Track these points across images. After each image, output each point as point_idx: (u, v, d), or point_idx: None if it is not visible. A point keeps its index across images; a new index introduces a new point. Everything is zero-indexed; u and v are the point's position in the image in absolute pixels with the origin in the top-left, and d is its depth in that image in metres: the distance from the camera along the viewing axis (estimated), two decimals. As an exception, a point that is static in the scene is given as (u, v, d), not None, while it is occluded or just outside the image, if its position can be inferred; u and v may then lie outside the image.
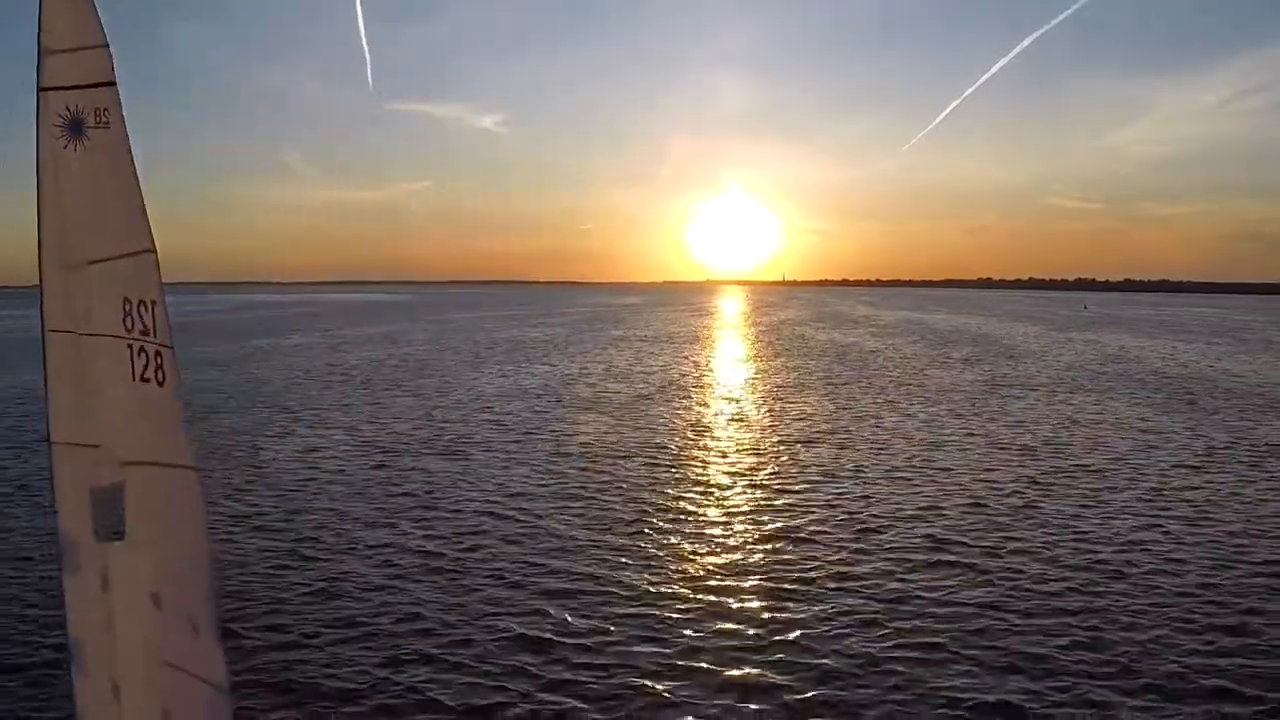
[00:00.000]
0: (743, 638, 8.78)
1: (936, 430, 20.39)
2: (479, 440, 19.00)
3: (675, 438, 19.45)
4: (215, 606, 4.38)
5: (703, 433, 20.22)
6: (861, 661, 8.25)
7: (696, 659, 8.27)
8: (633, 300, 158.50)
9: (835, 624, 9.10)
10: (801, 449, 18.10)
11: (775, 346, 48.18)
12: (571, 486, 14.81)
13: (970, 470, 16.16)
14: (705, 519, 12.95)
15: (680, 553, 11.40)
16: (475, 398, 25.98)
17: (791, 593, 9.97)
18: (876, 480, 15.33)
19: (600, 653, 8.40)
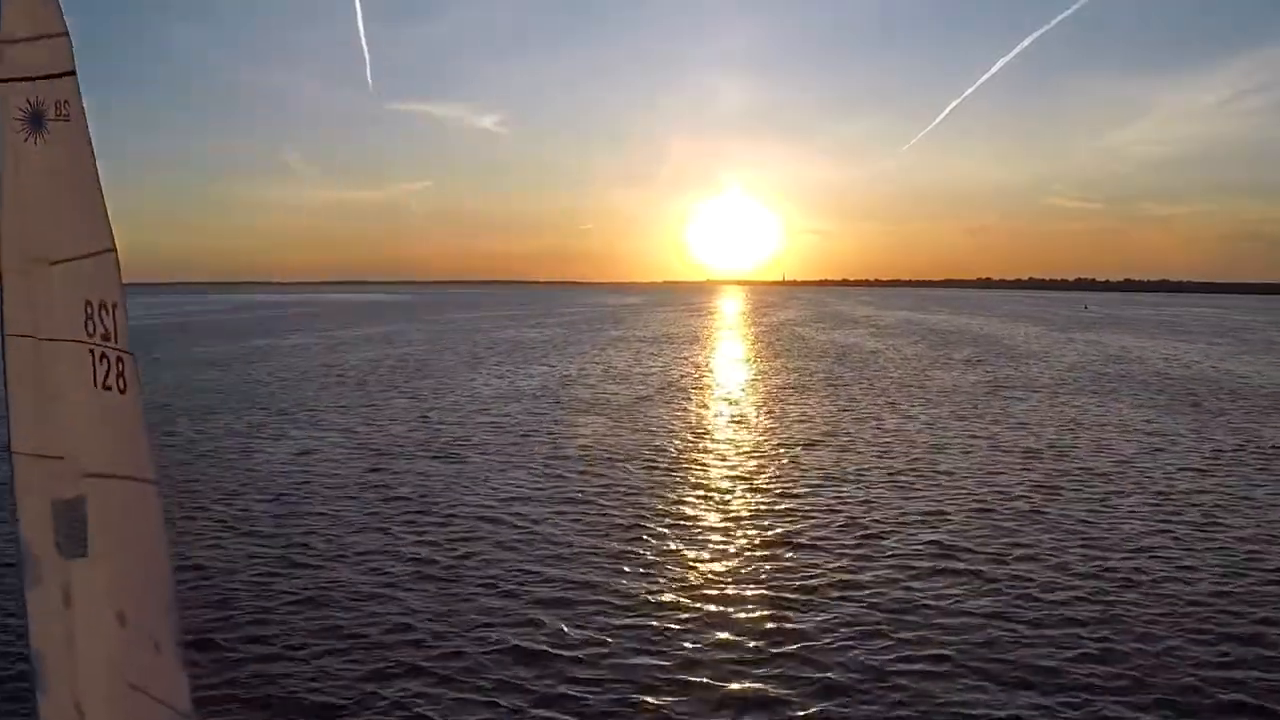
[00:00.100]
0: (743, 649, 8.52)
1: (939, 433, 20.13)
2: (475, 443, 18.74)
3: (674, 440, 19.19)
4: (178, 627, 4.18)
5: (702, 435, 19.95)
6: (866, 674, 7.99)
7: (696, 672, 8.01)
8: (633, 300, 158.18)
9: (838, 634, 8.84)
10: (802, 452, 17.84)
11: (775, 347, 47.92)
12: (568, 491, 14.55)
13: (974, 474, 15.90)
14: (705, 524, 12.69)
15: (679, 559, 11.13)
16: (472, 399, 25.72)
17: (793, 601, 9.71)
18: (878, 484, 15.07)
19: (596, 665, 8.14)
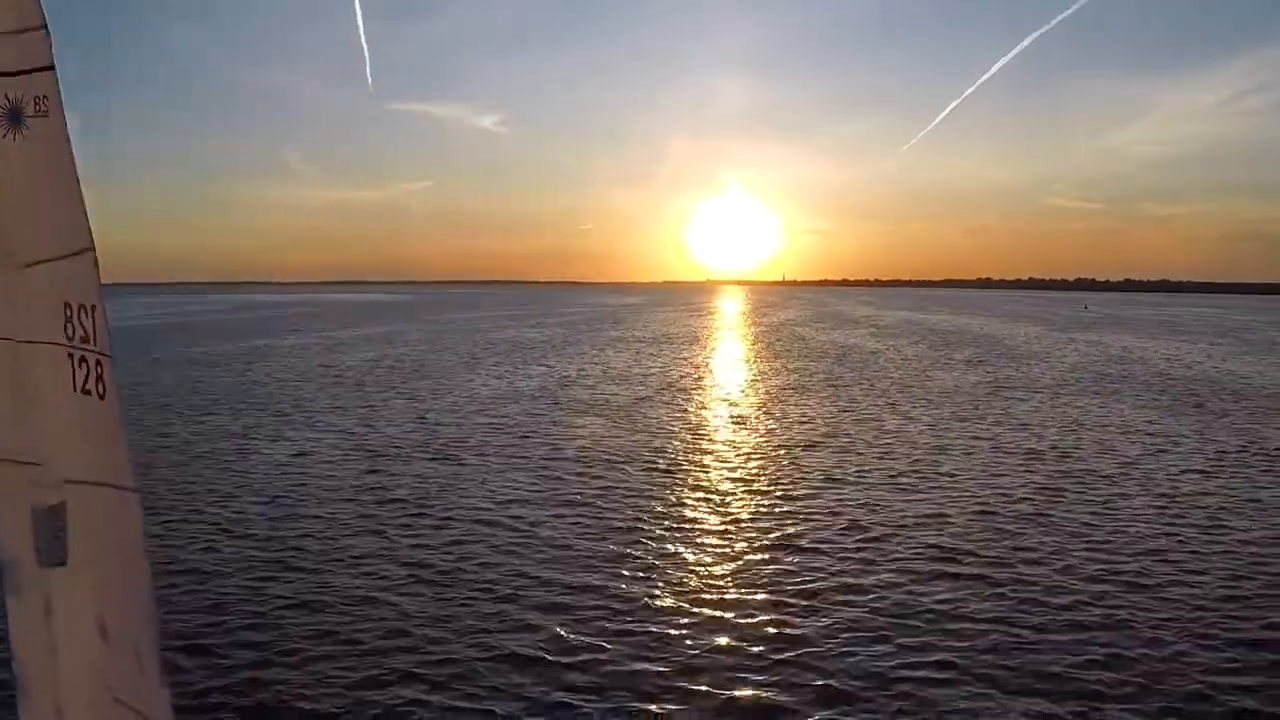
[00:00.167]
0: (744, 655, 8.38)
1: (940, 434, 19.99)
2: (473, 444, 18.60)
3: (674, 442, 19.06)
4: (158, 640, 4.06)
5: (702, 437, 19.82)
6: (869, 680, 7.85)
7: (696, 678, 7.87)
8: (632, 300, 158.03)
9: (840, 639, 8.70)
10: (803, 453, 17.70)
11: (775, 347, 47.79)
12: (566, 493, 14.41)
13: (976, 476, 15.76)
14: (704, 527, 12.55)
15: (678, 563, 10.99)
16: (470, 400, 25.58)
17: (794, 606, 9.57)
18: (880, 486, 14.93)
19: (594, 671, 8.00)
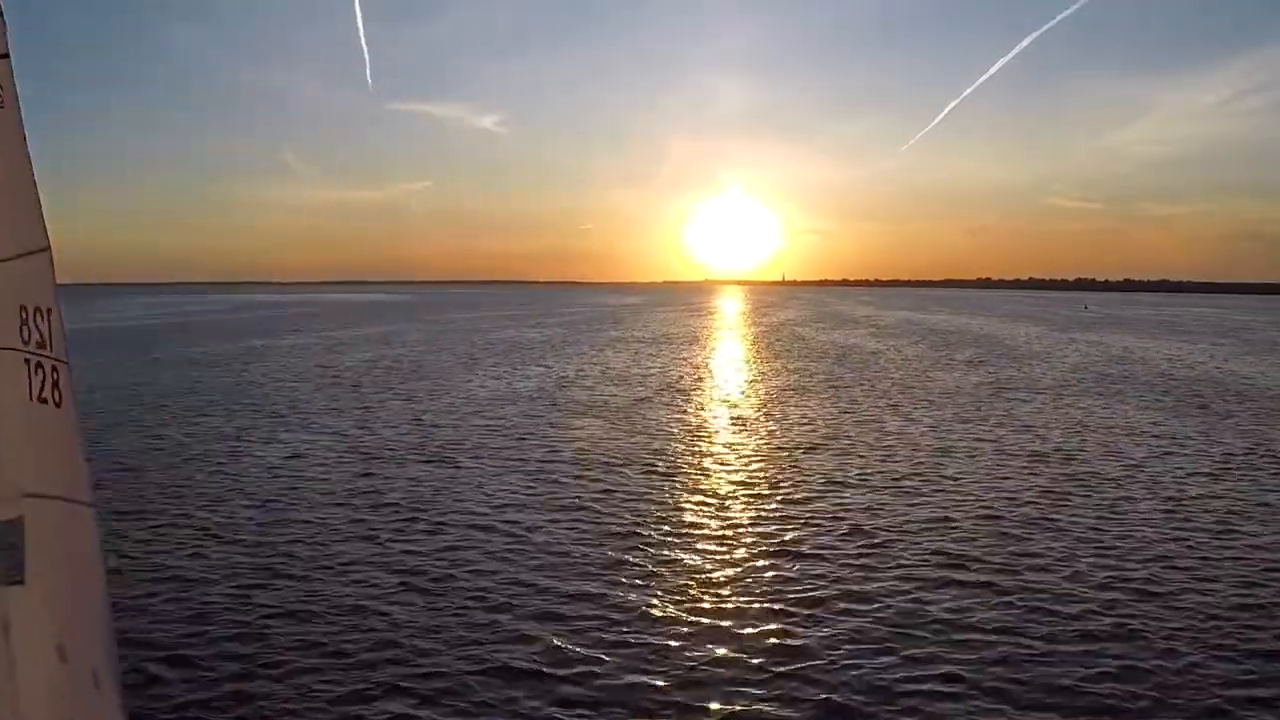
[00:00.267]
0: (744, 666, 8.12)
1: (943, 436, 19.73)
2: (469, 447, 18.34)
3: (673, 444, 18.79)
4: (116, 663, 3.80)
5: (701, 439, 19.55)
6: (873, 694, 7.59)
7: (694, 691, 7.61)
8: (632, 300, 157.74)
9: (843, 650, 8.44)
10: (804, 456, 17.44)
11: (775, 348, 47.52)
12: (563, 497, 14.14)
13: (980, 479, 15.50)
14: (704, 532, 12.28)
15: (677, 569, 10.72)
16: (467, 401, 25.32)
17: (795, 615, 9.30)
18: (882, 489, 14.67)
19: (590, 684, 7.74)
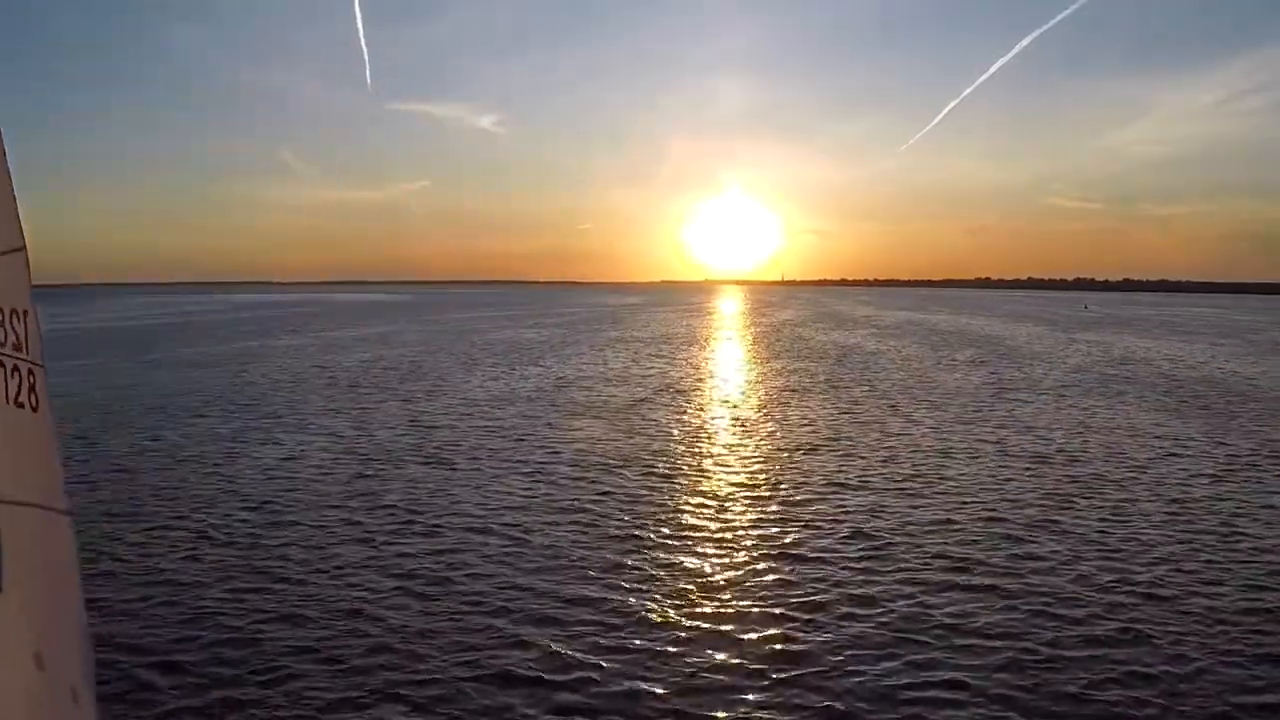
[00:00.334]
0: (746, 672, 7.96)
1: (945, 437, 19.57)
2: (466, 448, 18.18)
3: (673, 445, 18.63)
4: (92, 670, 3.65)
5: (701, 440, 19.38)
6: (876, 700, 7.44)
7: (694, 698, 7.45)
8: (632, 300, 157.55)
9: (845, 656, 8.28)
10: (804, 458, 17.28)
11: (775, 348, 47.36)
12: (562, 499, 13.98)
13: (982, 480, 15.34)
14: (704, 535, 12.11)
15: (676, 572, 10.56)
16: (465, 402, 25.15)
17: (796, 619, 9.14)
18: (884, 491, 14.51)
19: (587, 691, 7.58)
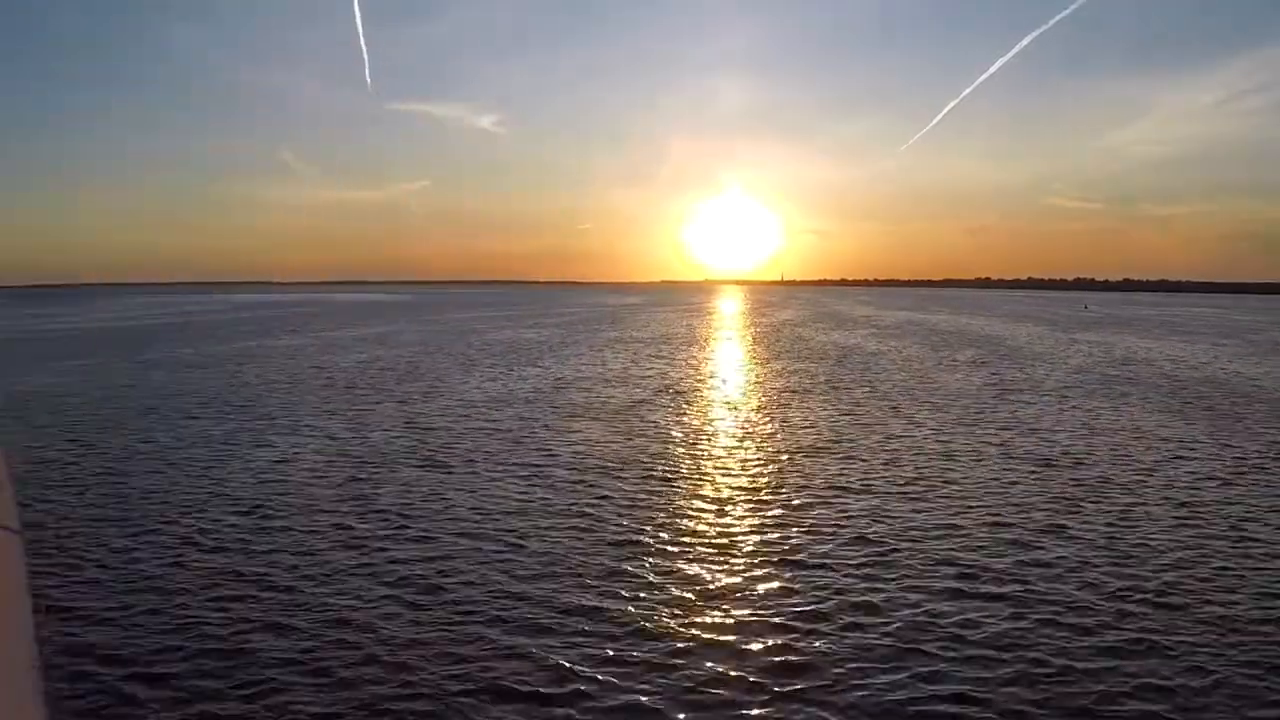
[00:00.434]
0: (746, 685, 7.70)
1: (947, 439, 19.31)
2: (462, 451, 17.91)
3: (672, 448, 18.36)
4: (41, 691, 3.41)
5: (701, 442, 19.12)
6: (882, 715, 7.18)
7: (695, 713, 7.19)
8: (632, 300, 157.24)
9: (848, 668, 8.02)
10: (805, 460, 17.01)
11: (775, 349, 47.10)
12: (559, 503, 13.72)
13: (987, 484, 15.07)
14: (704, 540, 11.84)
15: (676, 580, 10.29)
16: (462, 404, 24.89)
17: (798, 629, 8.88)
18: (887, 495, 14.24)
19: (583, 704, 7.32)
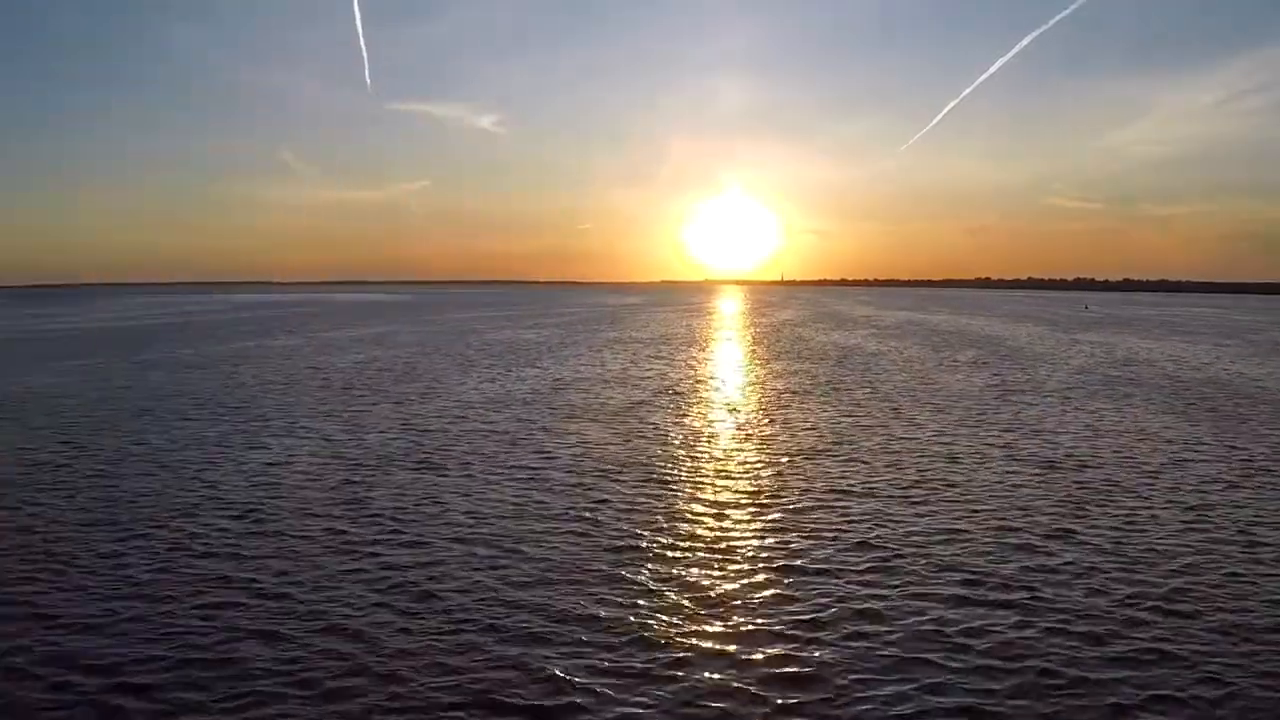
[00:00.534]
0: (749, 697, 7.46)
1: (950, 441, 19.08)
2: (458, 453, 17.68)
3: (672, 450, 18.13)
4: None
5: (701, 445, 18.88)
6: (888, 730, 6.94)
7: (692, 728, 6.96)
8: (632, 300, 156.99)
9: (853, 677, 7.78)
10: (806, 463, 16.78)
11: (775, 349, 46.86)
12: (556, 507, 13.48)
13: (991, 487, 14.84)
14: (703, 545, 11.60)
15: (676, 586, 10.05)
16: (459, 405, 24.65)
17: (799, 637, 8.65)
18: (889, 499, 14.01)
19: (580, 716, 7.08)
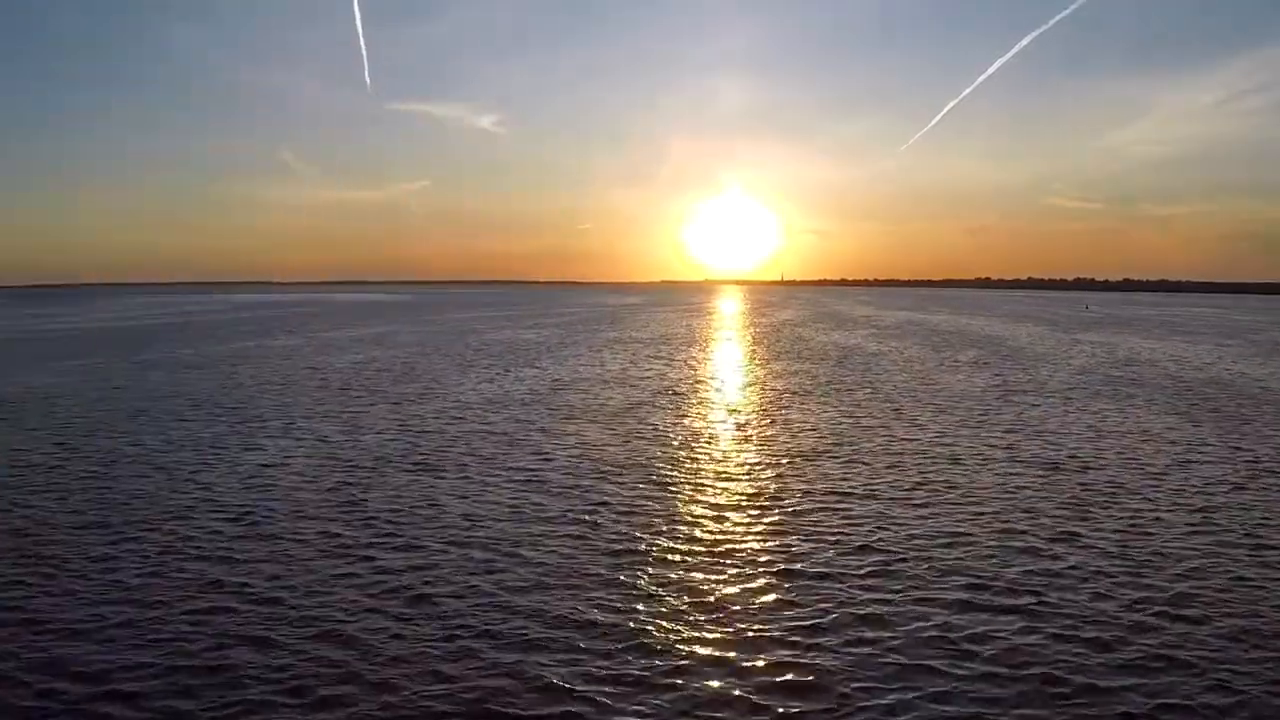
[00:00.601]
0: (749, 705, 7.31)
1: (952, 443, 18.92)
2: (455, 454, 17.52)
3: (671, 451, 17.97)
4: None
5: (701, 446, 18.73)
6: (892, 740, 6.79)
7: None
8: (632, 300, 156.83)
9: (852, 688, 7.63)
10: (807, 465, 16.62)
11: (775, 349, 46.72)
12: (553, 509, 13.32)
13: (994, 489, 14.68)
14: (703, 549, 11.44)
15: (675, 591, 9.89)
16: (458, 406, 24.50)
17: (799, 643, 8.49)
18: (891, 501, 13.85)
19: (574, 728, 6.93)
